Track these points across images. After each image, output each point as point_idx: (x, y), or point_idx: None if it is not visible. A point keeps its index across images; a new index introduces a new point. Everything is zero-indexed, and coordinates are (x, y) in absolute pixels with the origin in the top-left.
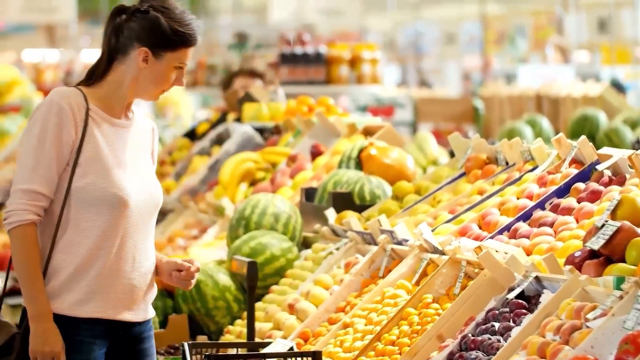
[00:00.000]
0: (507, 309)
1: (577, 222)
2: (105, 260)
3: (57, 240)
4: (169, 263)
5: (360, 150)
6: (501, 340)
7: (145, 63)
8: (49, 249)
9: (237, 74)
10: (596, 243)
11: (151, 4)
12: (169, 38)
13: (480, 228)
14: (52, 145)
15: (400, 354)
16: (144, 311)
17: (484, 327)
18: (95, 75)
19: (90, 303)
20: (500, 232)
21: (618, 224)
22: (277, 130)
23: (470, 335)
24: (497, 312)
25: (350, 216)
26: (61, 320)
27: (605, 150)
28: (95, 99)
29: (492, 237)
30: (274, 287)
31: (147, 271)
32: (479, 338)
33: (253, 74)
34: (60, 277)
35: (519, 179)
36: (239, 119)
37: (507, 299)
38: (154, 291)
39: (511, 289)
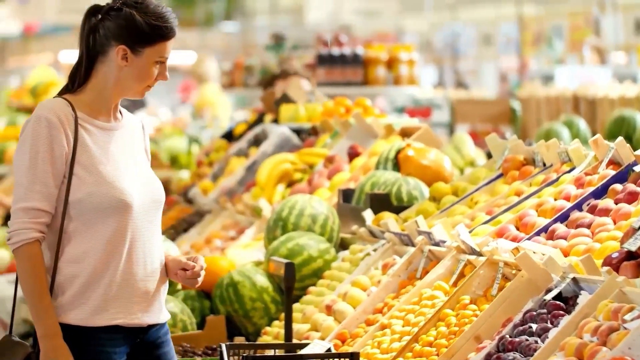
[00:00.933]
0: (545, 310)
1: (615, 223)
2: (117, 265)
3: (62, 253)
4: (175, 261)
5: (398, 152)
6: (538, 341)
7: (125, 61)
8: (54, 264)
9: (279, 77)
10: (634, 244)
11: (124, 1)
12: (146, 33)
13: (517, 229)
14: (46, 160)
15: (437, 355)
16: (159, 312)
17: (521, 328)
18: (78, 80)
19: (107, 310)
20: (538, 233)
21: None
22: (314, 132)
23: (507, 336)
24: (534, 313)
25: (388, 217)
26: (80, 332)
27: None
28: (82, 105)
29: (529, 239)
30: (311, 288)
31: (157, 270)
32: (517, 339)
33: (296, 75)
34: (72, 289)
35: (557, 180)
36: (276, 120)
37: (544, 300)
38: (166, 289)
39: (548, 290)
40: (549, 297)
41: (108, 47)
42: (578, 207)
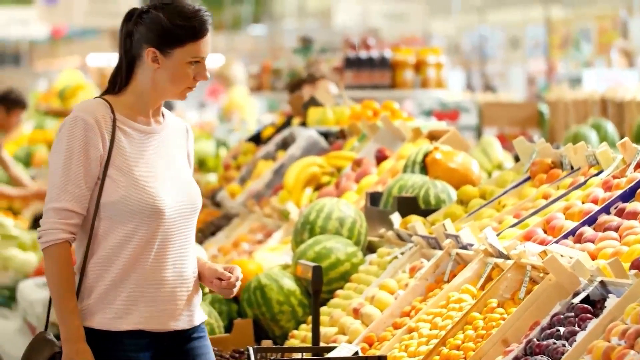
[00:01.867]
0: (572, 314)
1: None
2: (143, 270)
3: (91, 255)
4: (211, 270)
5: (425, 155)
6: (566, 344)
7: (157, 63)
8: (83, 266)
9: (307, 80)
10: None
11: (154, 4)
12: (172, 34)
13: (545, 232)
14: (80, 161)
15: (465, 358)
16: (189, 318)
17: (549, 331)
18: (119, 83)
19: (131, 315)
20: (565, 236)
21: None
22: (342, 135)
23: (535, 339)
24: (562, 316)
25: (415, 220)
26: (104, 336)
27: None
28: (122, 107)
29: (557, 242)
30: (338, 292)
31: (189, 277)
32: (544, 342)
33: (323, 78)
34: (97, 292)
35: (584, 183)
36: (304, 123)
37: (572, 303)
38: (199, 296)
39: (576, 294)
40: (576, 300)
41: (141, 50)
42: (606, 210)
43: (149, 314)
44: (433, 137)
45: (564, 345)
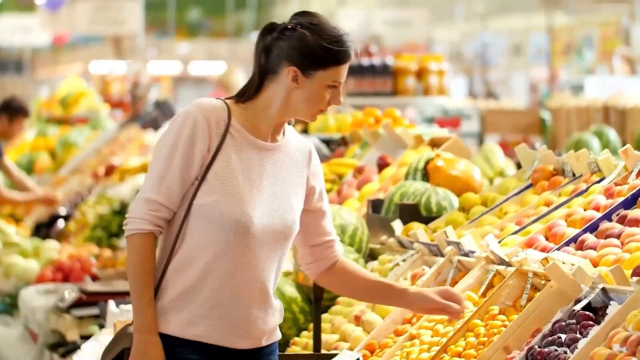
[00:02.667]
0: (574, 321)
1: None
2: (216, 283)
3: (173, 256)
4: (427, 299)
5: (427, 162)
6: (568, 351)
7: (296, 83)
8: (165, 265)
9: None
10: None
11: (299, 21)
12: (318, 56)
13: (546, 239)
14: (182, 158)
15: None
16: (260, 339)
17: (550, 338)
18: (248, 94)
19: (198, 326)
20: (567, 243)
21: None
22: (343, 142)
23: (536, 346)
24: (563, 323)
25: (417, 228)
26: (167, 341)
27: None
28: (242, 117)
29: (558, 249)
30: (340, 299)
31: (269, 298)
32: (546, 350)
33: None
34: (169, 295)
35: (586, 190)
36: (305, 130)
37: (573, 310)
38: (276, 319)
39: (578, 301)
40: (578, 307)
41: (279, 66)
42: (608, 217)
43: (216, 329)
44: (435, 144)
45: (565, 353)
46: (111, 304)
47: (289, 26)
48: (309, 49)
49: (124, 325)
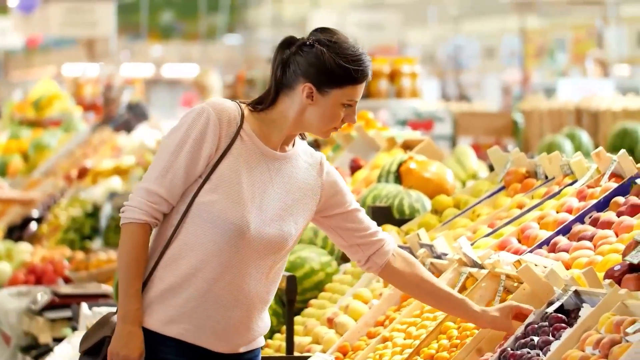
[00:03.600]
0: (547, 323)
1: (617, 236)
2: (203, 284)
3: (166, 250)
4: (495, 323)
5: (400, 164)
6: (540, 354)
7: (310, 99)
8: (157, 259)
9: None
10: (636, 257)
11: (318, 38)
12: (335, 74)
13: (519, 242)
14: (189, 153)
15: None
16: (239, 346)
17: (523, 341)
18: (263, 105)
19: (180, 324)
20: (540, 246)
21: None
22: (316, 144)
23: (509, 349)
24: (536, 326)
25: (390, 230)
26: (146, 335)
27: None
28: (254, 122)
29: (531, 251)
30: (313, 301)
31: (254, 306)
32: (518, 352)
33: None
34: (156, 288)
35: (559, 192)
36: None
37: (546, 312)
38: (260, 330)
39: (550, 303)
40: (550, 309)
41: (295, 82)
42: (580, 219)
43: (196, 329)
44: (407, 146)
45: (538, 355)
46: (84, 306)
47: (308, 42)
48: (326, 66)
49: (107, 313)
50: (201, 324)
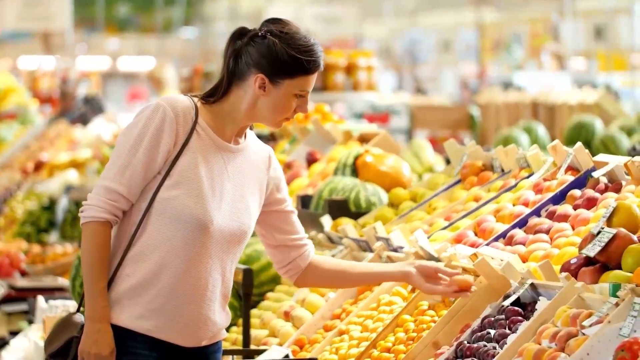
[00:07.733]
0: (503, 316)
1: (573, 229)
2: (170, 280)
3: (131, 247)
4: (422, 267)
5: (356, 158)
6: (497, 347)
7: (262, 90)
8: (122, 256)
9: None
10: (592, 250)
11: (270, 29)
12: (286, 64)
13: (475, 235)
14: (147, 150)
15: None
16: (202, 340)
17: (479, 334)
18: (215, 96)
19: (149, 320)
20: (496, 239)
21: (614, 231)
22: (272, 137)
23: (465, 342)
24: (492, 319)
25: (346, 223)
26: (118, 332)
27: (601, 157)
28: (208, 116)
29: (487, 244)
30: (269, 294)
31: (220, 299)
32: (475, 345)
33: None
34: (124, 285)
35: (515, 186)
36: None
37: (502, 306)
38: (223, 323)
39: (507, 296)
40: (507, 303)
41: (247, 73)
42: (536, 212)
43: (166, 325)
44: (364, 139)
45: (494, 348)
46: (40, 299)
47: (260, 33)
48: (278, 57)
49: (67, 314)
50: (169, 320)
